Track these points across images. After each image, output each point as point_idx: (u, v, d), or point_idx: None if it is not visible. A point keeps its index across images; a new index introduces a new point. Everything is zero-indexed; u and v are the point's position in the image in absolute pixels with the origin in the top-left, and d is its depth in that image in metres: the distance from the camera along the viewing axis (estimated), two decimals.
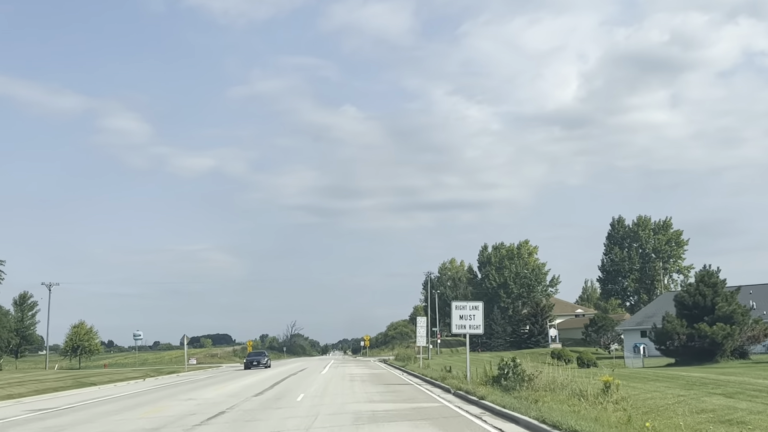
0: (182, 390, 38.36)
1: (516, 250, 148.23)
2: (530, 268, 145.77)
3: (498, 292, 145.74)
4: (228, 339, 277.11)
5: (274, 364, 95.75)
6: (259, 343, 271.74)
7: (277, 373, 58.46)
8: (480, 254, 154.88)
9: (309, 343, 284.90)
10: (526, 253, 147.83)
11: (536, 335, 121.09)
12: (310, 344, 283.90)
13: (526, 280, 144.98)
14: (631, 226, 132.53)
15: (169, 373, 67.53)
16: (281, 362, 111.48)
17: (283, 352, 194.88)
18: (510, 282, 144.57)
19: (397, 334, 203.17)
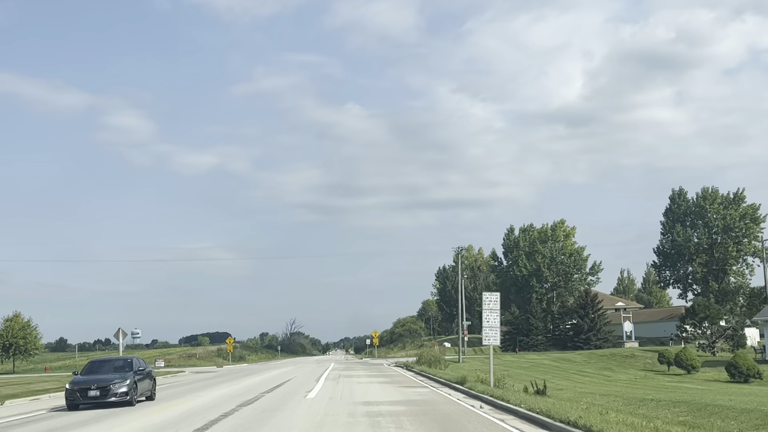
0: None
1: (550, 231, 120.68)
2: (567, 253, 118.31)
3: (529, 282, 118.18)
4: (227, 337, 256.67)
5: (254, 369, 68.72)
6: (258, 341, 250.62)
7: (208, 404, 25.66)
8: (505, 238, 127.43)
9: (309, 341, 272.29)
10: (562, 234, 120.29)
11: (585, 331, 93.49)
12: (310, 342, 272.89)
13: (562, 266, 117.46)
14: (696, 199, 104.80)
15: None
16: (267, 366, 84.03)
17: (278, 351, 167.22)
18: (544, 269, 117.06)
19: (405, 331, 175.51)
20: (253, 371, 63.12)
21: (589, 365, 56.82)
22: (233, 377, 49.72)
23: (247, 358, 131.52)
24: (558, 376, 47.60)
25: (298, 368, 64.55)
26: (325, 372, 52.44)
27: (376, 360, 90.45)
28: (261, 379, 44.19)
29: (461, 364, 65.81)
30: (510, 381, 32.69)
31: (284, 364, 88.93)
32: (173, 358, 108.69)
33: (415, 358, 76.19)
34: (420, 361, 63.43)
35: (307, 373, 52.71)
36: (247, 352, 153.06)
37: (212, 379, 48.35)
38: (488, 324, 30.56)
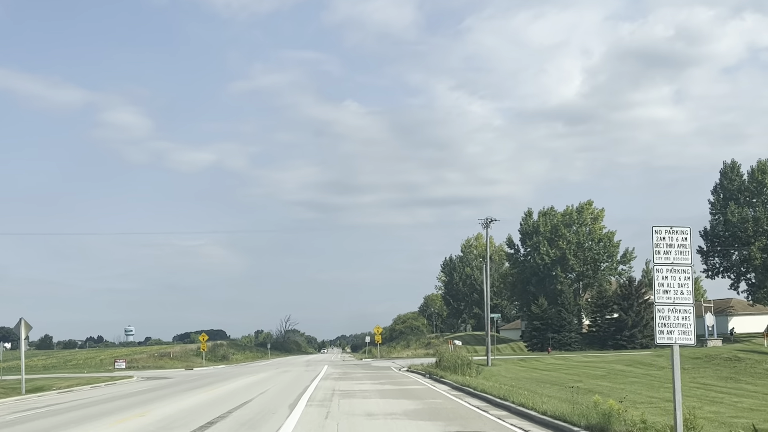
0: None
1: (575, 213, 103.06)
2: (596, 238, 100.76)
3: (552, 271, 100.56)
4: (222, 335, 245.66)
5: (227, 373, 51.57)
6: (252, 339, 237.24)
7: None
8: (522, 222, 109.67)
9: (305, 339, 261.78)
10: (590, 217, 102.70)
11: (630, 327, 76.01)
12: (306, 340, 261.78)
13: (591, 253, 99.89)
14: (752, 173, 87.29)
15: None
16: (245, 369, 66.63)
17: (267, 349, 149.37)
18: (569, 256, 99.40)
19: (406, 328, 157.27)
20: (221, 377, 45.69)
21: (694, 372, 39.31)
22: (175, 392, 32.21)
23: (231, 357, 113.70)
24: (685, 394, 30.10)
25: (279, 374, 46.93)
26: (313, 382, 34.95)
27: (380, 362, 72.73)
28: (209, 398, 26.58)
29: (492, 368, 48.53)
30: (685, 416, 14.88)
31: (268, 366, 71.20)
32: (141, 358, 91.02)
33: (427, 359, 58.83)
34: (441, 364, 46.22)
35: (288, 383, 35.15)
36: (233, 350, 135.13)
37: (137, 395, 30.72)
38: (675, 296, 12.90)
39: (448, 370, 43.63)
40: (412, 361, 66.42)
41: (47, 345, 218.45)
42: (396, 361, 70.69)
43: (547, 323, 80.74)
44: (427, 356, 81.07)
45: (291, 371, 51.28)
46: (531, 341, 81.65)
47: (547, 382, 36.40)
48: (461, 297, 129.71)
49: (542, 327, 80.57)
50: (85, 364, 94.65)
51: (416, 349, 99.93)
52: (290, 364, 70.15)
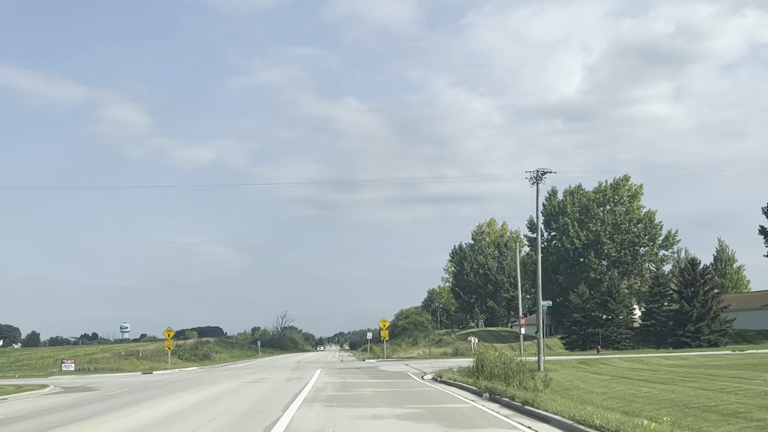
0: None
1: (609, 191, 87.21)
2: (634, 219, 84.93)
3: (584, 256, 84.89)
4: (218, 332, 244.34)
5: (190, 380, 35.71)
6: (248, 336, 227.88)
7: None
8: (547, 202, 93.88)
9: (302, 336, 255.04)
10: (626, 195, 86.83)
11: (694, 320, 60.07)
12: (303, 337, 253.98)
13: (629, 236, 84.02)
14: None
15: None
16: (219, 373, 50.73)
17: (257, 347, 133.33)
18: (604, 239, 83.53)
19: (410, 324, 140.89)
20: (155, 391, 29.85)
21: None
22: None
23: (214, 356, 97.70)
24: None
25: (247, 387, 30.84)
26: (289, 409, 18.91)
27: (389, 363, 56.37)
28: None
29: (551, 376, 32.48)
30: None
31: (248, 369, 55.03)
32: (103, 357, 74.90)
33: (447, 360, 42.94)
34: (484, 371, 30.43)
35: (242, 413, 18.97)
36: (220, 348, 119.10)
37: None
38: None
39: (497, 380, 28.32)
40: (428, 363, 50.46)
41: (34, 342, 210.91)
42: (409, 362, 54.51)
43: (589, 317, 64.73)
44: (444, 356, 64.97)
45: (268, 380, 35.19)
46: (570, 338, 65.69)
47: (672, 403, 20.73)
48: (472, 289, 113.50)
49: (584, 321, 64.57)
50: (37, 364, 78.58)
51: (426, 347, 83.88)
52: (274, 367, 53.95)
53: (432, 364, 46.44)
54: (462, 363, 46.42)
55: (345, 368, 48.14)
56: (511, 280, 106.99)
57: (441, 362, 49.56)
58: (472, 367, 34.09)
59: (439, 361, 51.98)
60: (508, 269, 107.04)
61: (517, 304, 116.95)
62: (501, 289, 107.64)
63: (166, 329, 61.89)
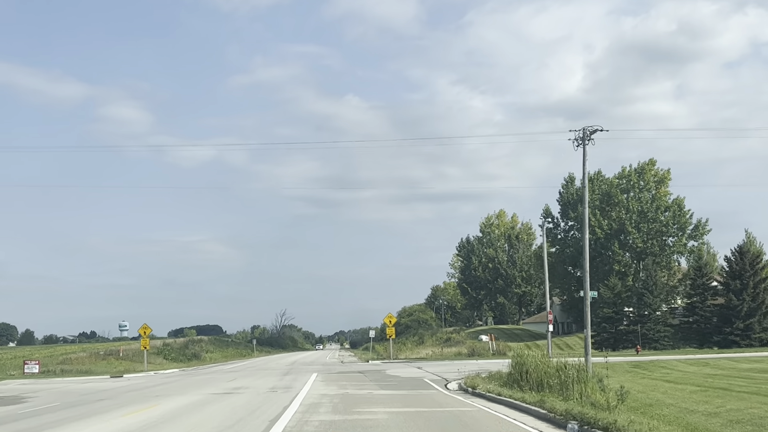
0: None
1: (635, 176, 79.02)
2: (661, 206, 76.72)
3: (607, 247, 76.74)
4: (218, 330, 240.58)
5: (155, 388, 26.70)
6: (247, 334, 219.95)
7: None
8: (563, 190, 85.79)
9: (302, 334, 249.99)
10: (653, 180, 78.59)
11: (743, 316, 51.77)
12: (303, 336, 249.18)
13: (656, 224, 75.81)
14: None
15: None
16: (193, 379, 42.26)
17: (253, 346, 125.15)
18: (630, 228, 75.33)
19: (413, 321, 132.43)
20: (111, 403, 22.01)
21: None
22: None
23: (204, 356, 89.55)
24: None
25: (219, 399, 22.63)
26: None
27: (398, 366, 47.81)
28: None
29: (618, 384, 23.80)
30: None
31: (236, 370, 46.89)
32: (78, 357, 66.50)
33: (463, 362, 34.80)
34: (526, 377, 22.02)
35: None
36: (213, 347, 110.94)
37: None
38: None
39: (550, 392, 20.66)
40: (444, 365, 42.29)
41: (28, 340, 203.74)
42: (421, 365, 45.90)
43: (622, 312, 56.47)
44: (459, 357, 56.56)
45: (246, 391, 26.95)
46: (599, 336, 57.46)
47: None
48: (481, 284, 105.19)
49: (615, 317, 56.27)
50: (6, 365, 70.20)
51: (434, 346, 75.67)
52: (263, 370, 45.55)
53: (450, 368, 38.24)
54: (486, 366, 38.25)
55: (346, 372, 39.88)
56: (523, 275, 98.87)
57: (459, 365, 41.43)
58: (508, 374, 26.11)
59: (456, 363, 43.83)
60: (519, 263, 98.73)
61: (529, 300, 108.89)
62: (512, 284, 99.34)
63: (141, 326, 53.47)
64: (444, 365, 42.59)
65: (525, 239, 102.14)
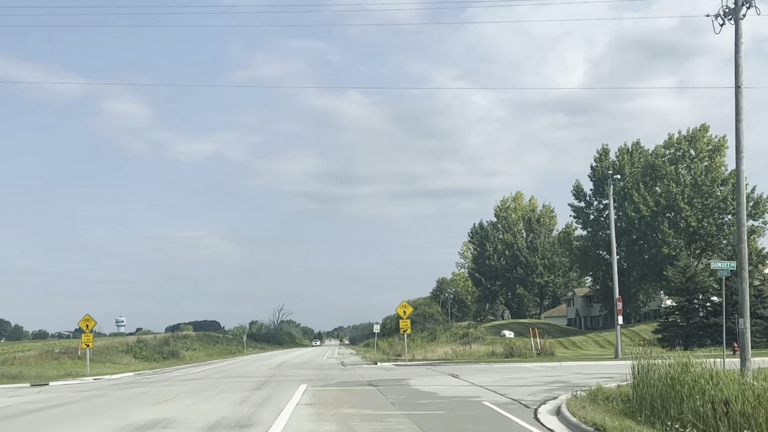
0: None
1: (685, 144, 66.09)
2: (717, 179, 63.83)
3: (652, 228, 63.86)
4: (216, 326, 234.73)
5: None
6: (245, 330, 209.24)
7: None
8: (596, 164, 72.99)
9: (300, 330, 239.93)
10: (705, 149, 65.60)
11: None
12: (301, 331, 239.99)
13: (711, 200, 62.91)
14: None
15: None
16: (121, 391, 28.44)
17: (243, 343, 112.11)
18: (681, 203, 62.40)
19: (418, 316, 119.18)
20: None
21: None
22: None
23: (183, 354, 76.56)
24: None
25: None
26: None
27: (420, 370, 34.26)
28: None
29: None
30: None
31: (191, 381, 33.54)
32: (25, 356, 53.47)
33: (529, 365, 22.20)
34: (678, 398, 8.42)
35: None
36: (200, 344, 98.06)
37: None
38: None
39: None
40: (489, 374, 29.18)
41: (17, 336, 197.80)
42: (452, 370, 31.83)
43: (696, 300, 43.43)
44: (493, 357, 43.17)
45: (172, 427, 13.75)
46: (666, 332, 44.31)
47: None
48: (497, 274, 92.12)
49: (689, 308, 43.17)
50: None
51: (450, 343, 62.53)
52: (232, 379, 31.96)
53: (499, 376, 25.27)
54: (551, 372, 25.50)
55: (349, 382, 26.66)
56: (545, 262, 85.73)
57: (505, 370, 28.57)
58: (634, 394, 13.22)
59: (499, 368, 30.91)
60: (541, 249, 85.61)
61: (552, 290, 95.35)
62: (533, 273, 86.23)
63: (83, 318, 40.17)
64: (486, 372, 29.48)
65: (546, 223, 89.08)
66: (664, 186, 64.71)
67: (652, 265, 65.67)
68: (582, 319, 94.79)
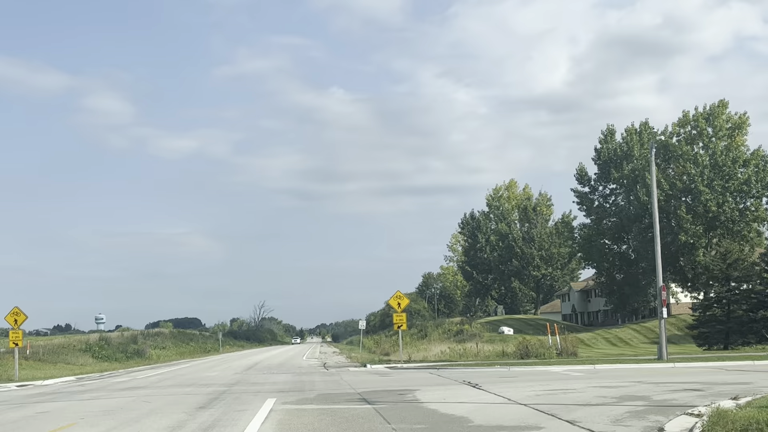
0: None
1: (702, 121, 59.51)
2: (739, 159, 57.28)
3: (667, 214, 57.25)
4: (197, 323, 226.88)
5: None
6: (226, 327, 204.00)
7: None
8: (601, 146, 66.38)
9: (282, 327, 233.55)
10: (725, 126, 59.04)
11: None
12: (283, 329, 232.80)
13: (733, 182, 56.36)
14: None
15: None
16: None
17: (219, 341, 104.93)
18: (700, 185, 55.80)
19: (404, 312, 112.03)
20: None
21: None
22: None
23: (150, 353, 69.25)
24: None
25: None
26: None
27: (419, 375, 27.20)
28: None
29: None
30: None
31: (130, 390, 26.40)
32: None
33: (562, 369, 15.20)
34: None
35: None
36: (172, 342, 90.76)
37: None
38: None
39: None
40: (521, 383, 22.16)
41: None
42: (463, 375, 24.47)
43: (738, 291, 36.64)
44: (504, 358, 35.15)
45: None
46: (705, 331, 37.41)
47: None
48: (489, 268, 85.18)
49: (732, 299, 36.36)
50: None
51: (444, 341, 55.71)
52: (183, 388, 24.58)
53: (540, 387, 18.24)
54: (616, 383, 18.48)
55: (334, 395, 19.32)
56: (542, 254, 78.81)
57: (540, 377, 21.66)
58: None
59: (528, 374, 23.95)
60: (538, 240, 78.70)
61: (549, 284, 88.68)
62: (529, 265, 79.35)
63: (10, 311, 32.69)
64: (511, 379, 22.33)
65: (544, 212, 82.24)
66: (679, 167, 58.02)
67: (666, 254, 58.97)
68: (579, 315, 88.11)
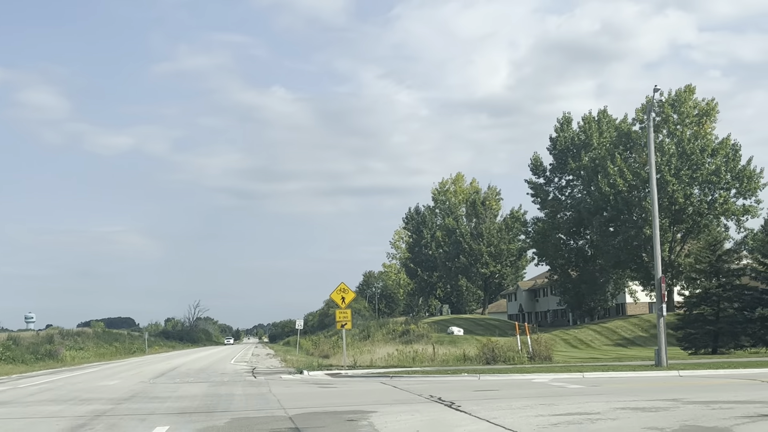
0: None
1: (668, 106, 54.98)
2: (707, 149, 52.91)
3: (630, 206, 52.49)
4: (130, 323, 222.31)
5: None
6: (160, 327, 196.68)
7: None
8: (557, 134, 61.43)
9: (218, 327, 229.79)
10: (692, 113, 54.59)
11: None
12: (219, 329, 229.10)
13: (702, 173, 51.92)
14: None
15: None
16: None
17: (145, 341, 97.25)
18: (667, 175, 51.13)
19: None
20: None
21: None
22: None
23: (63, 355, 61.32)
24: None
25: None
26: None
27: (373, 386, 21.26)
28: None
29: None
30: None
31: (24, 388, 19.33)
32: None
33: (564, 376, 12.02)
34: None
35: None
36: (94, 342, 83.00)
37: None
38: None
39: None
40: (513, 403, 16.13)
41: None
42: (428, 388, 18.57)
43: (728, 288, 31.64)
44: (467, 364, 29.47)
45: None
46: (690, 334, 32.35)
47: None
48: (433, 265, 79.78)
49: (721, 296, 31.31)
50: None
51: (390, 343, 49.78)
52: (63, 404, 18.15)
53: (557, 416, 12.33)
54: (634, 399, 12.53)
55: (253, 420, 13.29)
56: (491, 250, 73.56)
57: (527, 390, 15.98)
58: None
59: (506, 384, 18.25)
60: (487, 235, 73.36)
61: (498, 282, 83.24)
62: (478, 262, 74.07)
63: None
64: (492, 395, 16.42)
65: (493, 206, 77.10)
66: (642, 156, 53.35)
67: (628, 249, 54.34)
68: (526, 315, 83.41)
